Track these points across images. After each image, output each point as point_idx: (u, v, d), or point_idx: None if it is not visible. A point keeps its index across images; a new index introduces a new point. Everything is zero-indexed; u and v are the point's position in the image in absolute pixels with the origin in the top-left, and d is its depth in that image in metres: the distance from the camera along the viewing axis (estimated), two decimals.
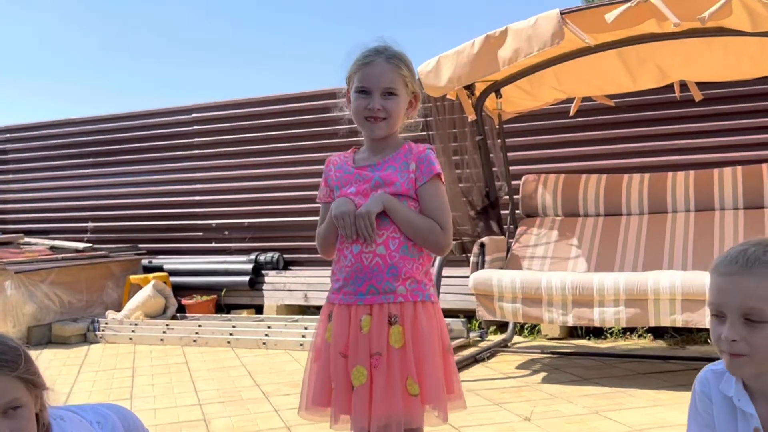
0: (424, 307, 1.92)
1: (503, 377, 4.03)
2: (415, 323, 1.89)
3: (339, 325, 1.93)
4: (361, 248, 1.91)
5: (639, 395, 3.51)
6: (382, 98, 1.94)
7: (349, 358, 1.89)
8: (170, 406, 3.70)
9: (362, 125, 1.98)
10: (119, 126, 7.59)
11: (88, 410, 1.77)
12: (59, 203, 7.92)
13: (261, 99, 6.91)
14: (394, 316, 1.88)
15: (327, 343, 1.96)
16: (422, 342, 1.89)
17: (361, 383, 1.86)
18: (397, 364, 1.85)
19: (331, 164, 2.07)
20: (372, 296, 1.89)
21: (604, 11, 3.63)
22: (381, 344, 1.86)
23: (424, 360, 1.87)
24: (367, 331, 1.88)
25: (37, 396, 1.52)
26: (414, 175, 1.95)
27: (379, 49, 1.97)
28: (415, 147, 2.00)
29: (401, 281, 1.90)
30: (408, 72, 1.98)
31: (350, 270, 1.92)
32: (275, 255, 6.63)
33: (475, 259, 4.34)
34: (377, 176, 1.94)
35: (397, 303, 1.88)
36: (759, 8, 3.32)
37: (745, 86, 4.97)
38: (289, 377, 4.22)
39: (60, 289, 6.12)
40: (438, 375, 1.90)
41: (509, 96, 4.81)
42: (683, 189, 4.57)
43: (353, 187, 1.97)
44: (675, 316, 3.62)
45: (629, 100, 5.25)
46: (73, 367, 4.81)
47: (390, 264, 1.90)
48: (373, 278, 1.90)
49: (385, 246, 1.91)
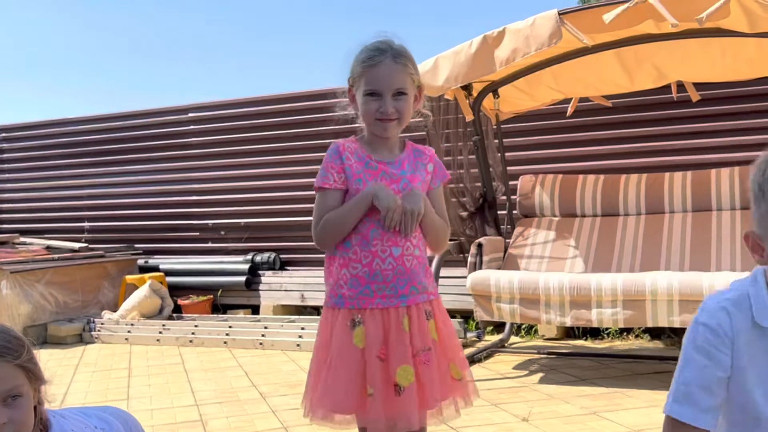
0: (439, 301, 2.06)
1: (501, 378, 4.03)
2: (442, 316, 2.03)
3: (375, 329, 1.91)
4: (402, 251, 1.95)
5: (636, 396, 3.51)
6: (394, 100, 1.94)
7: (390, 360, 1.89)
8: (167, 406, 3.69)
9: (374, 126, 1.97)
10: (115, 125, 7.57)
11: (92, 416, 1.76)
12: (55, 203, 7.90)
13: (257, 99, 6.90)
14: (428, 311, 1.98)
15: (356, 348, 1.90)
16: (450, 329, 2.04)
17: (410, 382, 1.89)
18: (441, 356, 1.97)
19: (346, 151, 1.97)
20: (413, 296, 1.96)
21: (602, 11, 3.62)
22: (426, 340, 1.95)
23: (456, 347, 2.04)
24: (409, 329, 1.93)
25: (36, 389, 1.53)
26: (430, 176, 2.05)
27: (382, 47, 1.94)
28: (421, 147, 2.08)
29: (429, 278, 2.02)
30: (413, 68, 1.99)
31: (391, 273, 1.94)
32: (272, 255, 6.62)
33: (472, 259, 4.33)
34: (405, 179, 1.99)
35: (429, 300, 2.00)
36: (757, 9, 3.32)
37: (742, 87, 4.97)
38: (286, 378, 4.22)
39: (56, 289, 6.11)
40: (465, 360, 2.07)
41: (507, 96, 4.81)
42: (680, 189, 4.57)
43: (382, 183, 1.98)
44: (672, 317, 3.62)
45: (627, 101, 5.25)
46: (69, 368, 4.79)
47: (423, 263, 2.01)
48: (414, 279, 1.97)
49: (418, 248, 2.00)
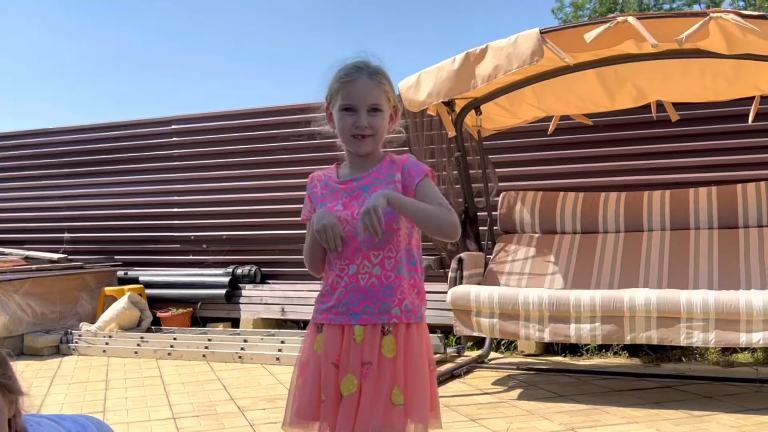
0: (417, 327, 1.93)
1: (480, 393, 4.03)
2: (407, 338, 1.90)
3: (331, 338, 1.91)
4: (358, 269, 1.90)
5: (614, 412, 3.52)
6: (369, 115, 1.94)
7: (341, 368, 1.88)
8: (143, 419, 3.66)
9: (349, 142, 1.97)
10: (97, 136, 7.53)
11: (67, 419, 1.74)
12: (34, 213, 7.83)
13: (240, 112, 6.90)
14: (388, 326, 1.88)
15: (316, 354, 1.93)
16: (413, 356, 1.89)
17: (350, 392, 1.85)
18: (387, 374, 1.85)
19: (315, 180, 2.05)
20: (367, 316, 1.88)
21: (583, 31, 3.67)
22: (373, 353, 1.86)
23: (413, 374, 1.88)
24: (360, 340, 1.88)
25: (11, 401, 1.48)
26: (400, 184, 1.94)
27: (359, 65, 1.97)
28: (397, 158, 2.01)
29: (397, 302, 1.90)
30: (389, 87, 1.99)
31: (344, 290, 1.91)
32: (252, 268, 6.60)
33: (453, 274, 4.34)
34: (365, 193, 1.93)
35: (391, 323, 1.88)
36: (735, 31, 3.38)
37: (721, 107, 5.04)
38: (265, 391, 4.19)
39: (33, 300, 6.04)
40: (424, 391, 1.90)
41: (489, 113, 4.84)
42: (659, 208, 4.62)
43: (340, 204, 1.96)
44: (651, 333, 3.65)
45: (607, 119, 5.31)
46: (45, 380, 4.74)
47: (386, 284, 1.90)
48: (368, 299, 1.89)
49: (381, 266, 1.90)
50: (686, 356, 4.76)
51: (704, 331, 3.54)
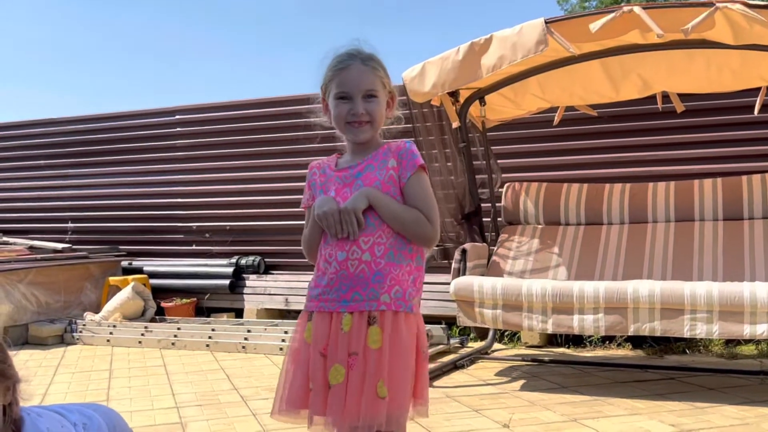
0: (406, 317, 1.90)
1: (482, 384, 4.03)
2: (395, 328, 1.87)
3: (320, 326, 1.91)
4: (347, 255, 1.88)
5: (617, 404, 3.52)
6: (364, 102, 1.93)
7: (328, 357, 1.87)
8: (147, 408, 3.67)
9: (345, 130, 1.97)
10: (101, 126, 7.54)
11: (73, 411, 1.72)
12: (39, 203, 7.85)
13: (244, 102, 6.89)
14: (374, 316, 1.86)
15: (306, 343, 1.94)
16: (399, 347, 1.87)
17: (338, 382, 1.85)
18: (372, 365, 1.83)
19: (314, 168, 2.06)
20: (355, 303, 1.87)
21: (588, 21, 3.65)
22: (359, 344, 1.85)
23: (398, 366, 1.86)
24: (348, 330, 1.86)
25: (8, 388, 1.46)
26: (395, 172, 1.92)
27: (352, 52, 1.96)
28: (393, 144, 1.98)
29: (386, 289, 1.88)
30: (384, 72, 1.98)
31: (334, 277, 1.90)
32: (256, 259, 6.60)
33: (456, 265, 4.34)
34: (359, 180, 1.94)
35: (379, 310, 1.86)
36: (741, 21, 3.36)
37: (726, 99, 5.02)
38: (268, 381, 4.20)
39: (38, 289, 6.06)
40: (407, 384, 1.88)
41: (493, 104, 4.83)
42: (664, 199, 4.60)
43: (333, 190, 1.96)
44: (654, 324, 3.64)
45: (612, 111, 5.29)
46: (49, 369, 4.76)
47: (375, 270, 1.88)
48: (358, 285, 1.88)
49: (370, 252, 1.89)
50: (690, 348, 4.76)
51: (708, 322, 3.53)
